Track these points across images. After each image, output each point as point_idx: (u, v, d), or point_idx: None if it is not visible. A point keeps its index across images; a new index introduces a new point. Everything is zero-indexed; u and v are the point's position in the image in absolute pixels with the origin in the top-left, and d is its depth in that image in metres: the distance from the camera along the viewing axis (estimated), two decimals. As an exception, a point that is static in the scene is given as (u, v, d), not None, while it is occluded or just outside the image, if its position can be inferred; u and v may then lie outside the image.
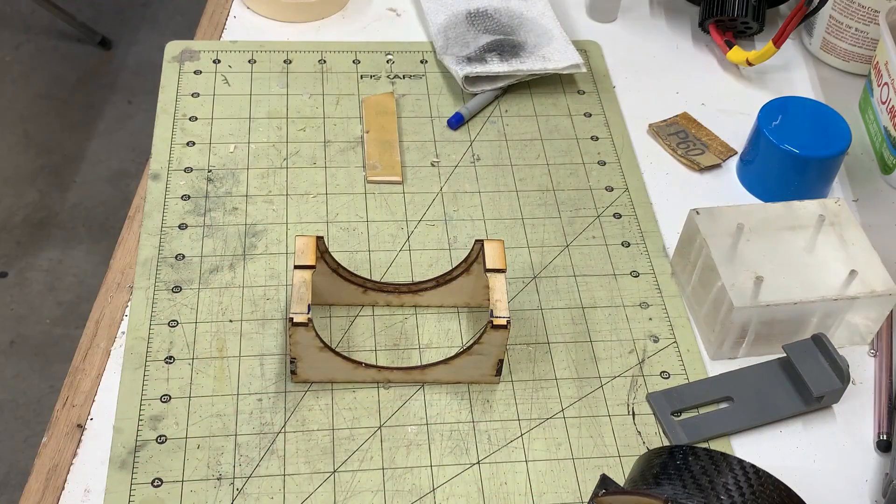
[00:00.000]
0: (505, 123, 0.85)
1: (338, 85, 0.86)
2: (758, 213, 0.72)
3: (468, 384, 0.66)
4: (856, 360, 0.70)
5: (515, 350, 0.69)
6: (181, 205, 0.75)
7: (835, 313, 0.68)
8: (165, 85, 0.85)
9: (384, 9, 0.95)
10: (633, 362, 0.69)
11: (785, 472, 0.56)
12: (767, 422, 0.66)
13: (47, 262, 1.90)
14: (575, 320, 0.71)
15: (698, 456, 0.54)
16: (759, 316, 0.67)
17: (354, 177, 0.79)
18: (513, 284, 0.73)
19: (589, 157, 0.83)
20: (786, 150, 0.77)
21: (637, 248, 0.76)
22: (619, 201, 0.79)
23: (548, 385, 0.67)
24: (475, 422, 0.65)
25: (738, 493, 0.52)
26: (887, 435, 0.65)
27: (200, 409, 0.63)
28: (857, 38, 0.91)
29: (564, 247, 0.76)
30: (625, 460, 0.63)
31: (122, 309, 0.69)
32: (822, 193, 0.80)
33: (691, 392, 0.67)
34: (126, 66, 2.30)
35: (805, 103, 0.80)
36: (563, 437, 0.64)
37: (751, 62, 0.88)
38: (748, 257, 0.69)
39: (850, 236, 0.71)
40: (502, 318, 0.62)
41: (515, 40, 0.88)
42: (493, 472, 0.62)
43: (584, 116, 0.86)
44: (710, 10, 0.91)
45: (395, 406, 0.65)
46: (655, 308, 0.72)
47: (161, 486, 0.60)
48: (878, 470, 0.64)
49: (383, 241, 0.75)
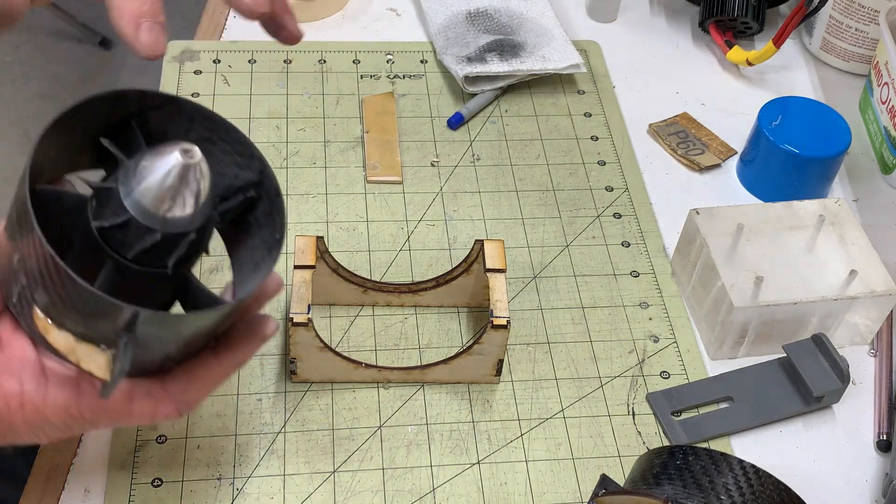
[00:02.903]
0: (505, 123, 0.85)
1: (338, 85, 0.86)
2: (758, 213, 0.72)
3: (468, 384, 0.66)
4: (856, 360, 0.70)
5: (515, 350, 0.69)
6: (181, 205, 0.75)
7: (835, 313, 0.68)
8: (165, 85, 0.85)
9: (384, 9, 0.95)
10: (633, 362, 0.69)
11: (785, 471, 0.56)
12: (767, 422, 0.66)
13: (47, 262, 1.90)
14: (575, 320, 0.71)
15: (698, 456, 0.54)
16: (759, 316, 0.67)
17: (354, 177, 0.79)
18: (513, 284, 0.73)
19: (589, 157, 0.83)
20: (786, 150, 0.77)
21: (637, 248, 0.76)
22: (619, 201, 0.79)
23: (548, 385, 0.67)
24: (475, 422, 0.65)
25: (739, 492, 0.52)
26: (887, 435, 0.65)
27: (200, 409, 0.63)
28: (857, 38, 0.91)
29: (564, 247, 0.76)
30: (625, 460, 0.63)
31: (122, 309, 0.69)
32: (822, 193, 0.80)
33: (691, 392, 0.67)
34: (126, 66, 2.30)
35: (805, 103, 0.80)
36: (563, 437, 0.64)
37: (751, 62, 0.88)
38: (748, 257, 0.69)
39: (850, 236, 0.71)
40: (502, 318, 0.62)
41: (515, 40, 0.88)
42: (493, 472, 0.62)
43: (584, 116, 0.86)
44: (710, 10, 0.91)
45: (395, 406, 0.65)
46: (655, 308, 0.72)
47: (161, 486, 0.60)
48: (878, 470, 0.64)
49: (383, 241, 0.75)
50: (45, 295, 0.43)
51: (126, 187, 0.43)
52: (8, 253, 0.45)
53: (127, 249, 0.43)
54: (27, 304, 0.45)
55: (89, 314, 0.43)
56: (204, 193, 0.44)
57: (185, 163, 0.42)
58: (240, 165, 0.48)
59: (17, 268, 0.44)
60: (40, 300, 0.44)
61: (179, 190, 0.43)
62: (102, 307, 0.42)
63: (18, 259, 0.44)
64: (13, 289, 0.45)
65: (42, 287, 0.43)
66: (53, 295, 0.43)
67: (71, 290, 0.42)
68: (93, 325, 0.44)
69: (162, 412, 0.48)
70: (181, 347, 0.47)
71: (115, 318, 0.42)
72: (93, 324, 0.44)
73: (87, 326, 0.44)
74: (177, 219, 0.43)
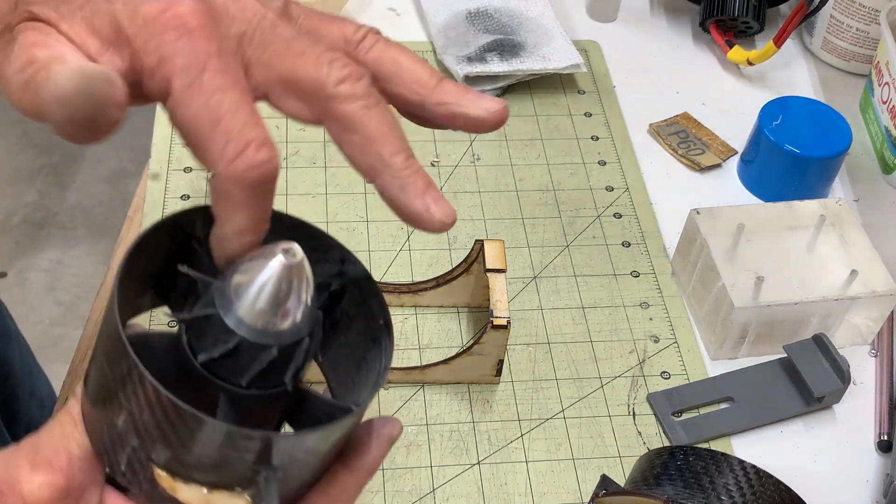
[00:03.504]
0: (505, 123, 0.84)
1: (338, 85, 0.86)
2: (758, 213, 0.72)
3: (468, 384, 0.66)
4: (856, 361, 0.70)
5: (515, 350, 0.69)
6: (181, 205, 0.75)
7: (835, 313, 0.68)
8: (165, 85, 0.84)
9: (384, 9, 0.94)
10: (633, 362, 0.68)
11: (785, 472, 0.56)
12: (768, 422, 0.66)
13: (46, 263, 1.90)
14: (575, 320, 0.71)
15: (699, 456, 0.54)
16: (759, 316, 0.67)
17: (354, 177, 0.78)
18: (513, 284, 0.72)
19: (589, 156, 0.83)
20: (786, 149, 0.76)
21: (637, 248, 0.76)
22: (620, 201, 0.79)
23: (548, 385, 0.67)
24: (475, 422, 0.64)
25: (739, 493, 0.52)
26: (888, 435, 0.65)
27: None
28: (858, 38, 0.90)
29: (565, 247, 0.76)
30: (625, 461, 0.63)
31: (122, 309, 0.68)
32: (823, 193, 0.80)
33: (692, 392, 0.66)
34: (126, 65, 2.29)
35: (806, 103, 0.80)
36: (563, 438, 0.64)
37: (751, 62, 0.88)
38: (749, 257, 0.69)
39: (850, 236, 0.71)
40: (502, 319, 0.62)
41: (515, 40, 0.88)
42: (493, 473, 0.62)
43: (585, 116, 0.86)
44: (711, 10, 0.91)
45: (394, 406, 0.65)
46: (656, 308, 0.72)
47: (160, 486, 0.59)
48: (879, 470, 0.64)
49: (383, 241, 0.74)
50: (167, 449, 0.38)
51: (225, 309, 0.38)
52: (104, 418, 0.39)
53: (239, 376, 0.38)
54: (141, 466, 0.39)
55: (221, 457, 0.38)
56: (311, 293, 0.39)
57: (289, 264, 0.38)
58: (316, 260, 0.42)
59: (124, 429, 0.38)
60: (160, 457, 0.38)
61: (289, 295, 0.38)
62: (236, 444, 0.37)
63: (125, 420, 0.38)
64: (120, 456, 0.39)
65: (162, 441, 0.38)
66: (177, 446, 0.38)
67: (199, 434, 0.37)
68: (225, 469, 0.39)
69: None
70: (318, 468, 0.42)
71: (250, 453, 0.38)
72: (225, 467, 0.39)
73: (218, 472, 0.39)
74: (289, 328, 0.38)
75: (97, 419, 0.40)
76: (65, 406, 0.40)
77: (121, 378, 0.37)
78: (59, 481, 0.37)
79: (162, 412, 0.37)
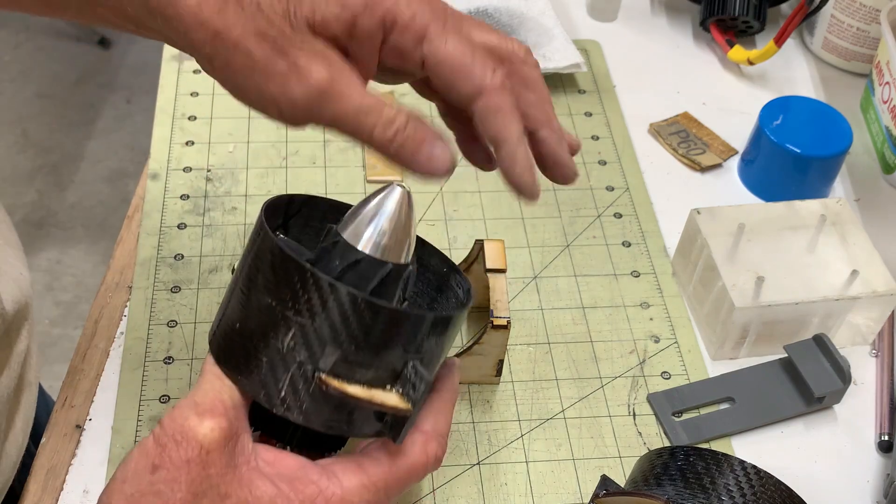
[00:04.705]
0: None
1: (337, 84, 0.86)
2: (759, 213, 0.72)
3: (468, 384, 0.66)
4: (857, 361, 0.70)
5: (515, 350, 0.68)
6: (180, 204, 0.75)
7: (836, 313, 0.68)
8: (164, 84, 0.84)
9: (384, 8, 0.94)
10: (633, 363, 0.68)
11: (786, 472, 0.56)
12: (768, 422, 0.66)
13: (46, 262, 1.90)
14: (575, 320, 0.71)
15: (699, 456, 0.54)
16: (760, 316, 0.66)
17: (354, 176, 0.79)
18: (513, 284, 0.72)
19: (589, 156, 0.82)
20: (787, 149, 0.76)
21: (638, 247, 0.76)
22: (620, 201, 0.79)
23: (548, 385, 0.67)
24: (475, 422, 0.64)
25: (740, 493, 0.52)
26: (889, 435, 0.65)
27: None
28: (859, 38, 0.90)
29: (565, 247, 0.75)
30: (625, 461, 0.63)
31: (121, 309, 0.68)
32: (824, 193, 0.80)
33: (692, 392, 0.66)
34: (125, 65, 2.30)
35: (806, 103, 0.80)
36: (563, 438, 0.64)
37: (752, 61, 0.88)
38: (749, 257, 0.69)
39: (851, 236, 0.71)
40: (502, 319, 0.62)
41: (515, 39, 0.88)
42: (493, 473, 0.62)
43: (585, 116, 0.86)
44: (712, 10, 0.91)
45: (394, 406, 0.65)
46: (656, 308, 0.72)
47: (160, 486, 0.59)
48: (880, 471, 0.64)
49: (383, 240, 0.74)
50: (337, 350, 0.43)
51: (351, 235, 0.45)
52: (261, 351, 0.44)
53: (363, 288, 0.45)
54: (306, 382, 0.44)
55: (386, 346, 0.44)
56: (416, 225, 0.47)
57: (408, 190, 0.46)
58: None
59: (291, 346, 0.43)
60: (326, 363, 0.43)
61: (410, 216, 0.46)
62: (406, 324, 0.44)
63: (293, 336, 0.43)
64: (280, 383, 0.44)
65: (333, 343, 0.43)
66: (347, 345, 0.43)
67: (371, 323, 0.43)
68: (384, 362, 0.44)
69: (432, 453, 0.47)
70: (438, 365, 0.49)
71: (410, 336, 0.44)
72: (385, 358, 0.44)
73: (377, 368, 0.44)
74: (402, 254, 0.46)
75: (249, 359, 0.44)
76: (203, 366, 0.45)
77: (292, 296, 0.43)
78: (224, 424, 0.42)
79: (340, 310, 0.42)
